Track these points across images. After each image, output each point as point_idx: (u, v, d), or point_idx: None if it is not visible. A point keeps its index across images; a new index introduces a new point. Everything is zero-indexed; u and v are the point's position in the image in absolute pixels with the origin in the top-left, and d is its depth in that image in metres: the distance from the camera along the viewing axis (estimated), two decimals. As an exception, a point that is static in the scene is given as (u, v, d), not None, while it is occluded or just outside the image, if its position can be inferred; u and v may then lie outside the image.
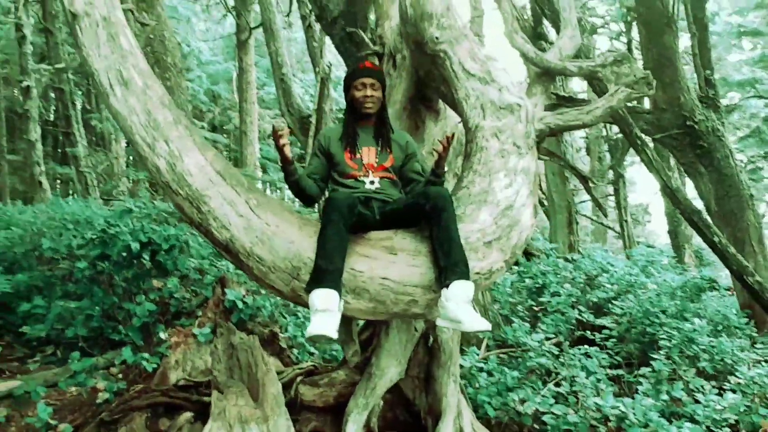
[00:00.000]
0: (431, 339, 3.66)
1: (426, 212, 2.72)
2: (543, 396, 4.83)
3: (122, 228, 4.94)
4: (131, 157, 18.62)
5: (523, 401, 4.85)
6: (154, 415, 4.07)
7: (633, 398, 4.45)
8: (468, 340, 7.34)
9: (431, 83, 3.35)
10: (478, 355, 6.14)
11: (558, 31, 6.22)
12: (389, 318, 2.98)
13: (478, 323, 2.49)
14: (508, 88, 3.04)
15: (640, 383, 4.87)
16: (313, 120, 8.98)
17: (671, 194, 5.98)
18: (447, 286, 2.58)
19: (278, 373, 4.15)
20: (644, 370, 5.04)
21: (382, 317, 2.88)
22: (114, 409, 4.04)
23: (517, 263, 9.51)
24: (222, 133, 28.01)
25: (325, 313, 2.49)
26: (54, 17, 16.75)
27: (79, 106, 17.68)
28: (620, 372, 5.53)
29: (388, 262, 2.75)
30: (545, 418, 4.30)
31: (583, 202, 12.16)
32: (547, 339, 6.36)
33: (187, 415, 3.94)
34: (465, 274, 2.60)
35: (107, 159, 15.15)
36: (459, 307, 2.53)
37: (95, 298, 4.85)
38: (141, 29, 8.57)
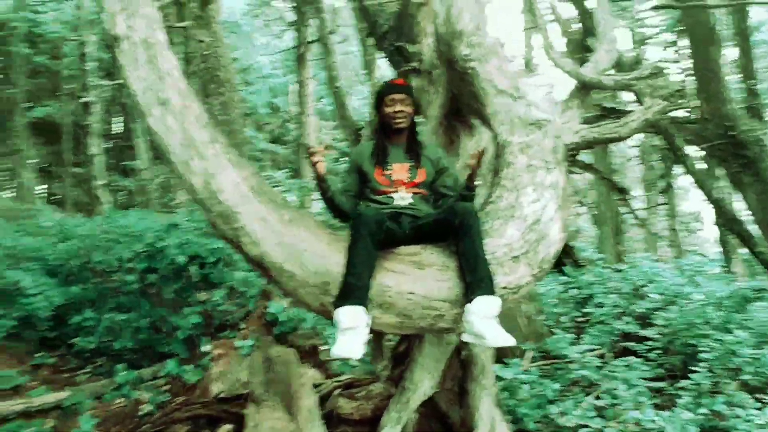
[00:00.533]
0: (463, 352, 3.66)
1: (453, 228, 2.75)
2: (584, 408, 4.76)
3: (169, 242, 5.13)
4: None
5: (562, 414, 4.79)
6: (195, 427, 4.19)
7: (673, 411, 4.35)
8: (513, 351, 7.30)
9: (463, 99, 3.38)
10: (521, 366, 6.10)
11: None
12: (417, 332, 3.01)
13: (501, 338, 2.50)
14: (536, 104, 3.05)
15: (680, 396, 4.74)
16: (367, 131, 9.12)
17: (714, 204, 5.82)
18: (471, 301, 2.60)
19: (316, 385, 4.25)
20: (686, 382, 4.91)
21: (410, 331, 2.91)
22: (156, 421, 4.19)
23: (563, 273, 9.37)
24: (281, 145, 28.57)
25: (351, 331, 2.53)
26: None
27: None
28: (663, 384, 5.39)
29: (416, 277, 2.78)
30: (584, 431, 4.24)
31: (633, 211, 11.93)
32: (591, 350, 6.26)
33: (227, 427, 4.04)
34: (490, 290, 2.61)
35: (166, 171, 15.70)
36: (483, 322, 2.54)
37: (142, 310, 5.03)
38: (197, 46, 8.90)
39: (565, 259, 10.06)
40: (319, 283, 2.78)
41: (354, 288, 2.60)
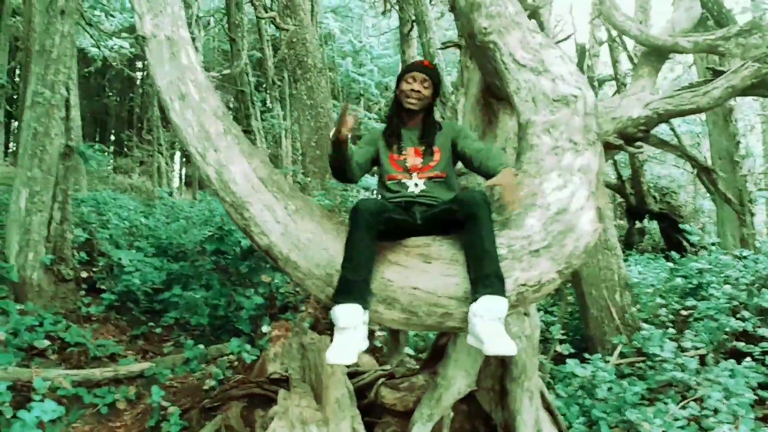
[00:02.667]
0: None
1: (458, 220, 2.54)
2: (670, 416, 4.32)
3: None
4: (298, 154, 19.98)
5: (644, 420, 4.38)
6: (250, 404, 4.30)
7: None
8: (602, 345, 6.80)
9: (488, 77, 3.11)
10: (607, 362, 5.66)
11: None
12: (427, 329, 2.83)
13: (501, 346, 2.26)
14: (563, 77, 2.70)
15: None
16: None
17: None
18: (475, 301, 2.38)
19: (359, 374, 4.19)
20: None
21: (418, 329, 2.75)
22: (214, 397, 4.35)
23: (669, 259, 8.55)
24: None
25: (347, 330, 2.42)
26: (236, 26, 18.49)
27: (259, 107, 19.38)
28: (775, 394, 4.74)
29: (421, 271, 2.60)
30: (666, 443, 3.83)
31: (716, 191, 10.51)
32: (688, 349, 5.66)
33: (277, 408, 4.10)
34: (497, 289, 2.37)
35: (277, 154, 16.42)
36: (485, 324, 2.32)
37: (214, 290, 5.24)
38: (285, 34, 9.11)
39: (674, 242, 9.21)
40: (323, 275, 2.69)
41: (350, 284, 2.48)
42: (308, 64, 9.03)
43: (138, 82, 31.32)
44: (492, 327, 2.30)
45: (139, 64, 33.53)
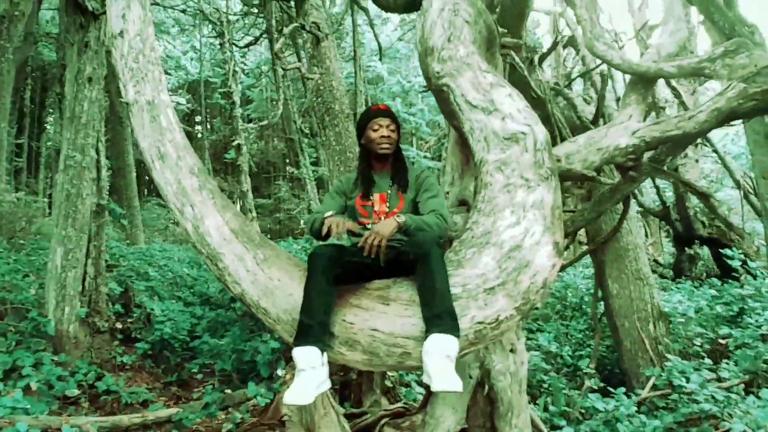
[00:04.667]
0: (486, 387, 3.38)
1: (411, 260, 2.60)
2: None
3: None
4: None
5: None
6: (263, 447, 4.40)
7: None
8: (637, 378, 6.54)
9: (447, 118, 3.17)
10: (638, 395, 5.46)
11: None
12: (388, 369, 2.86)
13: (448, 383, 2.28)
14: (512, 116, 2.73)
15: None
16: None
17: None
18: (427, 338, 2.42)
19: (362, 414, 4.21)
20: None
21: (380, 369, 2.79)
22: (230, 440, 4.46)
23: (711, 286, 8.16)
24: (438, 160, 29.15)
25: (305, 372, 2.49)
26: (282, 77, 19.28)
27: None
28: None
29: (379, 313, 2.65)
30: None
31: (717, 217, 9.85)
32: (726, 379, 5.41)
33: (283, 451, 4.18)
34: (447, 327, 2.40)
35: (304, 201, 16.79)
36: (434, 362, 2.35)
37: (234, 336, 5.41)
38: (311, 82, 9.43)
39: (727, 267, 8.77)
40: (290, 319, 2.78)
41: (307, 327, 2.56)
42: (335, 110, 9.28)
43: (198, 135, 32.85)
44: (440, 364, 2.33)
45: (198, 118, 35.37)
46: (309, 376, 2.48)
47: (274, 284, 2.84)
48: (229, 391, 5.67)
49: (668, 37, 3.88)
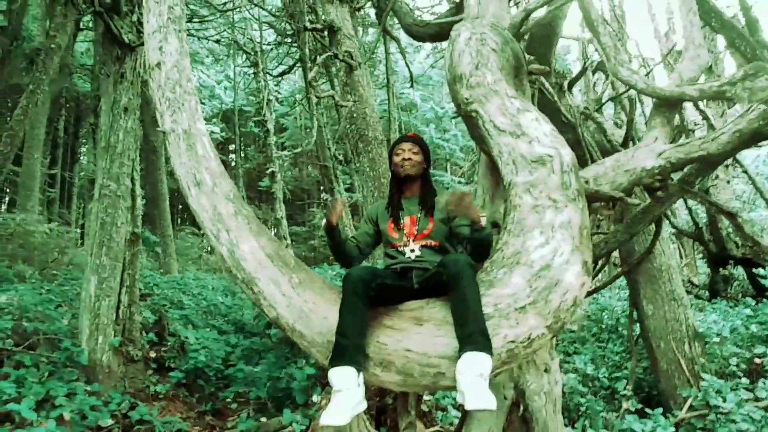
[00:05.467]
0: (521, 408, 3.38)
1: (444, 281, 2.65)
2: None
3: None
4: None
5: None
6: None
7: None
8: (674, 399, 6.41)
9: (477, 143, 3.25)
10: (675, 416, 5.38)
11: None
12: (423, 390, 2.88)
13: (482, 401, 2.31)
14: (539, 139, 2.79)
15: None
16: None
17: None
18: (460, 357, 2.46)
19: (397, 439, 4.20)
20: None
21: (415, 389, 2.82)
22: (266, 467, 4.49)
23: (735, 305, 8.00)
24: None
25: (341, 393, 2.53)
26: (316, 104, 19.62)
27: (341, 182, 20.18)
28: None
29: (413, 333, 2.70)
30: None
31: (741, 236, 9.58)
32: (755, 400, 5.30)
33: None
34: (480, 345, 2.44)
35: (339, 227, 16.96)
36: (467, 380, 2.39)
37: (269, 363, 5.47)
38: (345, 110, 9.62)
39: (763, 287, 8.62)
40: (324, 342, 2.84)
41: (343, 348, 2.62)
42: (369, 137, 9.43)
43: (232, 164, 33.39)
44: (474, 382, 2.36)
45: (232, 147, 36.00)
46: (345, 397, 2.52)
47: (309, 307, 2.91)
48: (264, 419, 5.70)
49: (689, 62, 3.92)
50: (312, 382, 5.31)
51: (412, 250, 3.05)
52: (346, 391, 2.53)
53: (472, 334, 2.47)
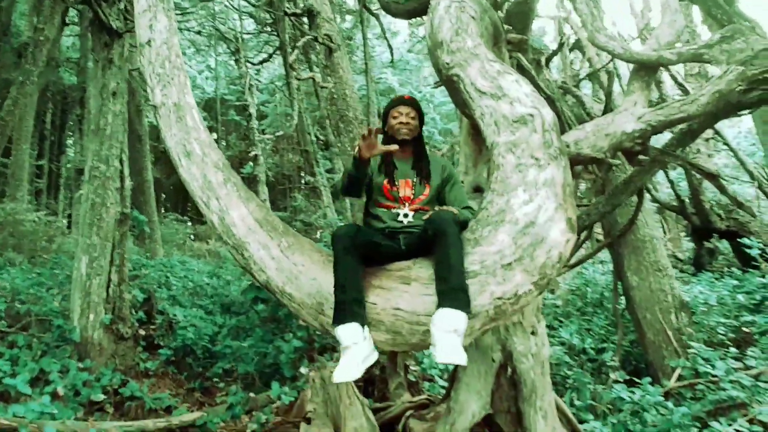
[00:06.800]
0: (509, 371, 3.45)
1: (430, 237, 2.69)
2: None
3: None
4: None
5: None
6: (290, 443, 4.48)
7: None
8: (662, 370, 6.52)
9: (459, 107, 3.28)
10: (664, 387, 5.47)
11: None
12: (412, 348, 2.93)
13: (451, 356, 2.37)
14: (520, 100, 2.84)
15: None
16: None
17: None
18: (436, 312, 2.51)
19: (387, 407, 4.28)
20: None
21: (404, 348, 2.87)
22: (256, 439, 4.54)
23: (721, 277, 8.13)
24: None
25: (350, 349, 2.58)
26: (297, 90, 19.59)
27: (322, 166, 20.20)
28: None
29: (401, 292, 2.75)
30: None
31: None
32: (753, 367, 5.38)
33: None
34: (457, 303, 2.49)
35: (321, 209, 17.03)
36: (440, 335, 2.45)
37: (256, 338, 5.52)
38: (326, 91, 9.64)
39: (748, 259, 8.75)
40: (314, 303, 2.88)
41: (344, 305, 2.66)
42: (350, 117, 9.49)
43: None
44: (447, 337, 2.42)
45: (214, 135, 35.81)
46: (354, 352, 2.57)
47: (298, 269, 2.95)
48: (252, 395, 5.76)
49: (666, 28, 3.97)
50: (299, 355, 5.36)
51: (406, 215, 3.06)
52: (354, 346, 2.58)
53: (451, 290, 2.52)
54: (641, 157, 4.06)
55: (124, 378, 5.81)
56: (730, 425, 4.28)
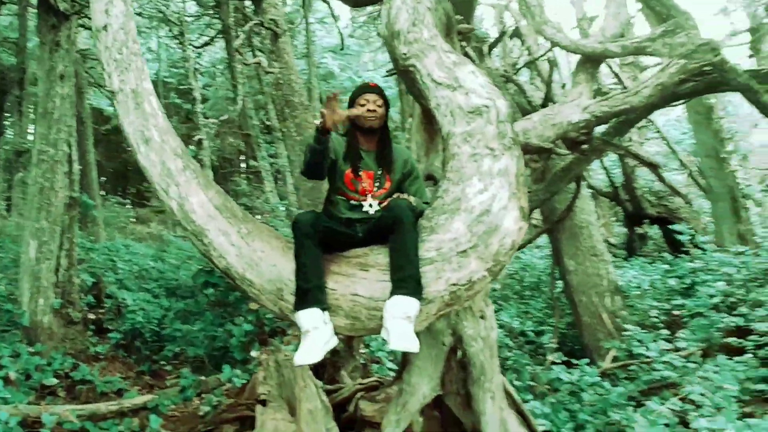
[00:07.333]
0: (459, 354, 3.60)
1: (388, 225, 2.78)
2: (656, 414, 4.40)
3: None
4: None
5: (626, 421, 4.47)
6: (242, 427, 4.52)
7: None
8: (597, 352, 6.85)
9: (415, 98, 3.38)
10: (596, 367, 5.73)
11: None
12: (370, 333, 3.03)
13: (403, 342, 2.48)
14: (475, 91, 2.96)
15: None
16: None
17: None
18: (389, 299, 2.62)
19: (338, 389, 4.39)
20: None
21: (363, 333, 2.96)
22: (208, 422, 4.57)
23: (652, 262, 8.59)
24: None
25: (310, 333, 2.66)
26: (240, 74, 19.21)
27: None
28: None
29: (360, 279, 2.84)
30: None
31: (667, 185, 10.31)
32: (683, 349, 5.67)
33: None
34: (410, 290, 2.60)
35: (264, 194, 17.01)
36: (393, 321, 2.55)
37: (206, 321, 5.52)
38: (271, 76, 9.58)
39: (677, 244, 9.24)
40: (274, 289, 2.94)
41: (305, 291, 2.73)
42: (295, 102, 9.50)
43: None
44: (399, 324, 2.53)
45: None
46: (315, 336, 2.66)
47: (258, 256, 2.99)
48: (203, 377, 5.76)
49: (612, 20, 4.17)
50: (250, 339, 5.41)
51: (371, 205, 3.11)
52: (315, 331, 2.67)
53: (405, 278, 2.63)
54: (584, 146, 4.26)
55: (75, 362, 5.79)
56: (662, 404, 4.56)
